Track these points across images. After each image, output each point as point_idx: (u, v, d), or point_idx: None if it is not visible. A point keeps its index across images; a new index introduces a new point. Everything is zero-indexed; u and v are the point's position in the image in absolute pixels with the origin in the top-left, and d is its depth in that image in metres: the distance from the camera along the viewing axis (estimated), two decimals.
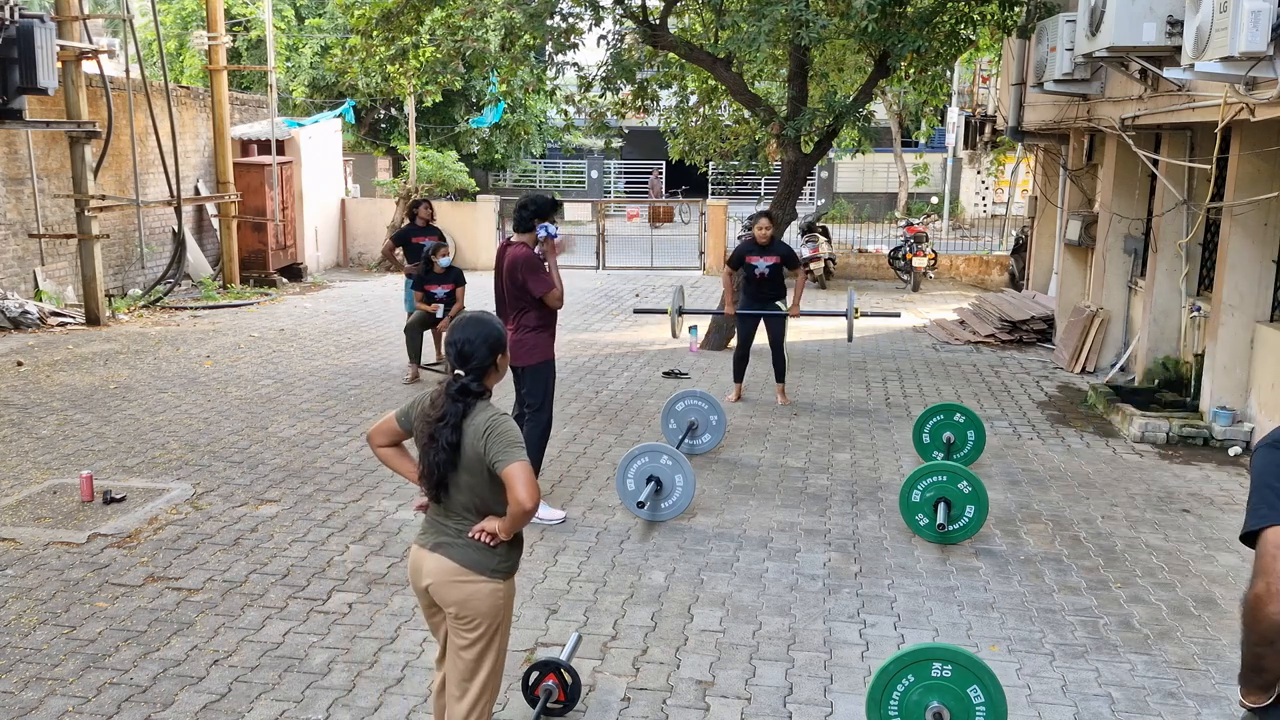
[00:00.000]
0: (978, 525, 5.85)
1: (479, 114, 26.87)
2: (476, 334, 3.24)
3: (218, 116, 15.39)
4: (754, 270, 8.82)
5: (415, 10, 11.17)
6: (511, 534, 3.23)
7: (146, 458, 7.33)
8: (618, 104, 12.37)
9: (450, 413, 3.16)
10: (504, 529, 3.20)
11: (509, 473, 3.09)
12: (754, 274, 8.83)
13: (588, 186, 37.27)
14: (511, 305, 6.20)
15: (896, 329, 13.04)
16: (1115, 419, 8.54)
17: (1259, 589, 2.12)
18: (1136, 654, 4.64)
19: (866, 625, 4.91)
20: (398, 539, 5.87)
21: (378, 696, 4.23)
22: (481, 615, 3.25)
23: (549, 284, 6.09)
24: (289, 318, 13.51)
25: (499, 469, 3.11)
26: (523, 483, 3.08)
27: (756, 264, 8.80)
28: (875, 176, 34.81)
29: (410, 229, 10.35)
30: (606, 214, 22.13)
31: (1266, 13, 5.68)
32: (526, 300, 6.14)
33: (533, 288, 6.07)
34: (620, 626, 4.86)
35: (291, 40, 24.97)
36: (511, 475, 3.09)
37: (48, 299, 12.93)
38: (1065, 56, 9.13)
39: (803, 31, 9.63)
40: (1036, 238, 14.34)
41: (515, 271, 6.09)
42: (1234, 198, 7.84)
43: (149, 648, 4.59)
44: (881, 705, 3.60)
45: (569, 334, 12.44)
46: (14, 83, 9.91)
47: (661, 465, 6.16)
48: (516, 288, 6.12)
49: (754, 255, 8.81)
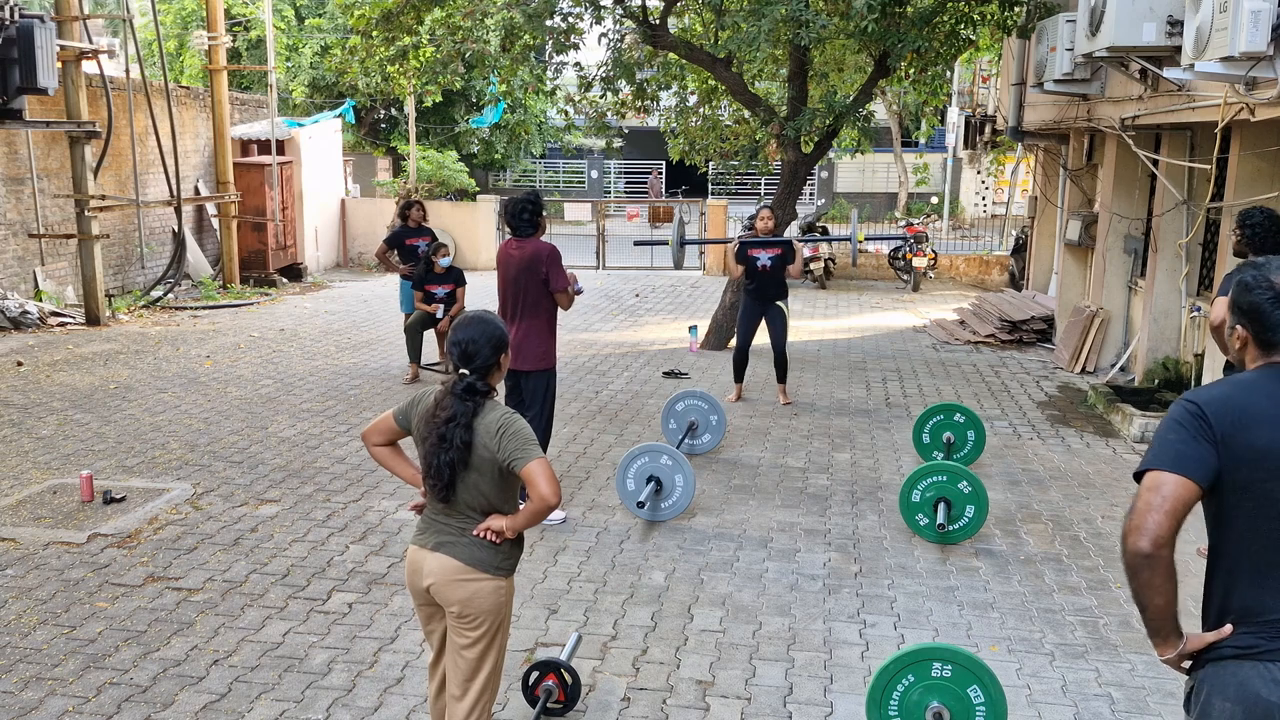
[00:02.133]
0: (978, 525, 5.85)
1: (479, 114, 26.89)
2: (480, 333, 3.24)
3: (218, 116, 15.40)
4: (756, 263, 8.80)
5: (415, 10, 11.17)
6: (525, 529, 3.24)
7: (146, 458, 7.33)
8: (618, 104, 12.37)
9: (460, 412, 3.15)
10: (518, 525, 3.21)
11: (529, 470, 3.12)
12: (756, 266, 8.81)
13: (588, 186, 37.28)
14: (519, 305, 6.14)
15: (896, 329, 13.04)
16: (1115, 419, 8.54)
17: (1126, 525, 2.33)
18: (1136, 654, 4.65)
19: (866, 625, 4.92)
20: (398, 539, 5.87)
21: (378, 696, 4.23)
22: (484, 614, 3.25)
23: (568, 280, 6.16)
24: (289, 318, 13.52)
25: (518, 468, 3.14)
26: (545, 479, 3.12)
27: (759, 256, 8.78)
28: (875, 176, 34.82)
29: (403, 231, 10.34)
30: (606, 214, 22.12)
31: (1266, 13, 5.68)
32: (539, 297, 6.11)
33: (555, 280, 6.09)
34: (620, 626, 4.86)
35: (291, 40, 24.98)
36: (533, 473, 3.12)
37: (48, 299, 12.93)
38: (1065, 56, 9.13)
39: (803, 31, 9.63)
40: (1036, 238, 14.34)
41: (539, 264, 6.07)
42: (1234, 198, 7.84)
43: (149, 648, 4.59)
44: (881, 705, 3.61)
45: (569, 334, 12.44)
46: (14, 83, 9.91)
47: (661, 465, 6.16)
48: (536, 282, 6.09)
49: (756, 248, 8.80)
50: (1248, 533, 2.32)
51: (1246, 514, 2.31)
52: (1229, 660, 2.34)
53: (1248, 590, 2.34)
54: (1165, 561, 2.30)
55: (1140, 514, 2.30)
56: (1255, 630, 2.32)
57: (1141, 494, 2.32)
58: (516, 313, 6.13)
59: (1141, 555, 2.29)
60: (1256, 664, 2.30)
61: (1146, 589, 2.33)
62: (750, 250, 8.82)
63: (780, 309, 8.91)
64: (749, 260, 8.82)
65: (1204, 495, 2.32)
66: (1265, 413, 2.29)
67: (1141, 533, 2.29)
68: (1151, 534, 2.27)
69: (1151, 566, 2.29)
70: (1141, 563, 2.30)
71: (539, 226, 6.22)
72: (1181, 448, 2.31)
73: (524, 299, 6.12)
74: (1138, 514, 2.30)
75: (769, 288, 8.86)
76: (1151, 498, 2.29)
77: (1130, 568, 2.33)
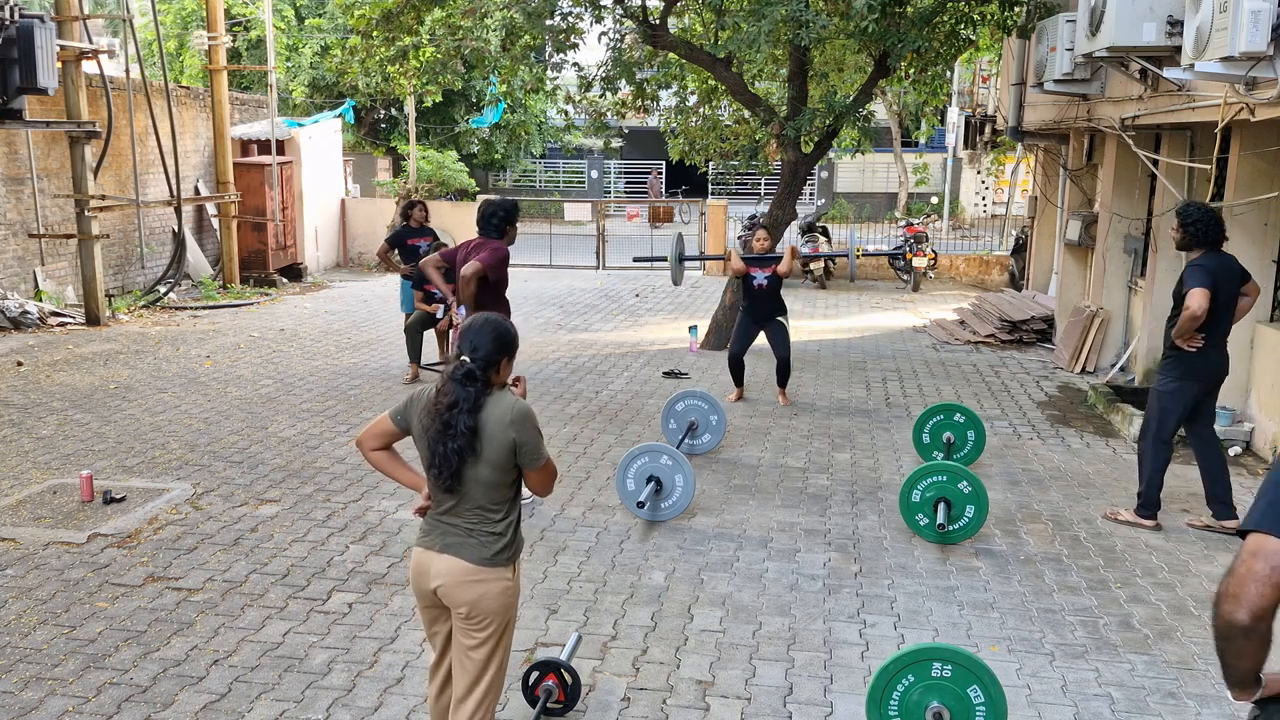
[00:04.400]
0: (978, 525, 5.85)
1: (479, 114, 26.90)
2: (489, 331, 3.25)
3: (218, 116, 15.39)
4: (753, 282, 8.80)
5: (415, 10, 11.17)
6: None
7: (146, 458, 7.33)
8: (618, 104, 12.38)
9: (462, 397, 3.14)
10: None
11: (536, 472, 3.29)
12: (752, 286, 8.81)
13: (588, 186, 37.27)
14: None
15: (896, 329, 13.04)
16: (1115, 419, 8.53)
17: (1222, 586, 2.19)
18: (1136, 654, 4.65)
19: (866, 625, 4.91)
20: (398, 539, 5.88)
21: (378, 696, 4.23)
22: (492, 614, 3.26)
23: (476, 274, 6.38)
24: (289, 318, 13.51)
25: (535, 466, 3.25)
26: (545, 486, 3.35)
27: (755, 276, 8.78)
28: (875, 176, 34.81)
29: (405, 230, 10.33)
30: (606, 214, 22.12)
31: (1266, 13, 5.68)
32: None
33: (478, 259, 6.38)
34: (620, 626, 4.86)
35: (291, 40, 24.98)
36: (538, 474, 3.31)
37: (48, 299, 12.93)
38: (1065, 56, 9.13)
39: (803, 32, 9.63)
40: (1036, 238, 14.34)
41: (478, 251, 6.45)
42: (1234, 198, 7.84)
43: (149, 648, 4.59)
44: (881, 705, 3.61)
45: (569, 334, 12.45)
46: (14, 83, 9.91)
47: (661, 465, 6.16)
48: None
49: (754, 266, 8.80)
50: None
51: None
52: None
53: None
54: (1262, 635, 2.14)
55: (1241, 581, 2.13)
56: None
57: (1244, 558, 2.14)
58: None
59: (1238, 628, 2.14)
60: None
61: (1237, 657, 2.20)
62: (749, 268, 8.80)
63: (780, 324, 8.89)
64: (746, 279, 8.82)
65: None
66: None
67: (1241, 603, 2.12)
68: (1252, 606, 2.11)
69: (1247, 637, 2.15)
70: (1237, 634, 2.15)
71: (504, 234, 6.57)
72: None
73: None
74: (1237, 580, 2.13)
75: (765, 304, 8.85)
76: (1255, 565, 2.12)
77: (1222, 635, 2.19)
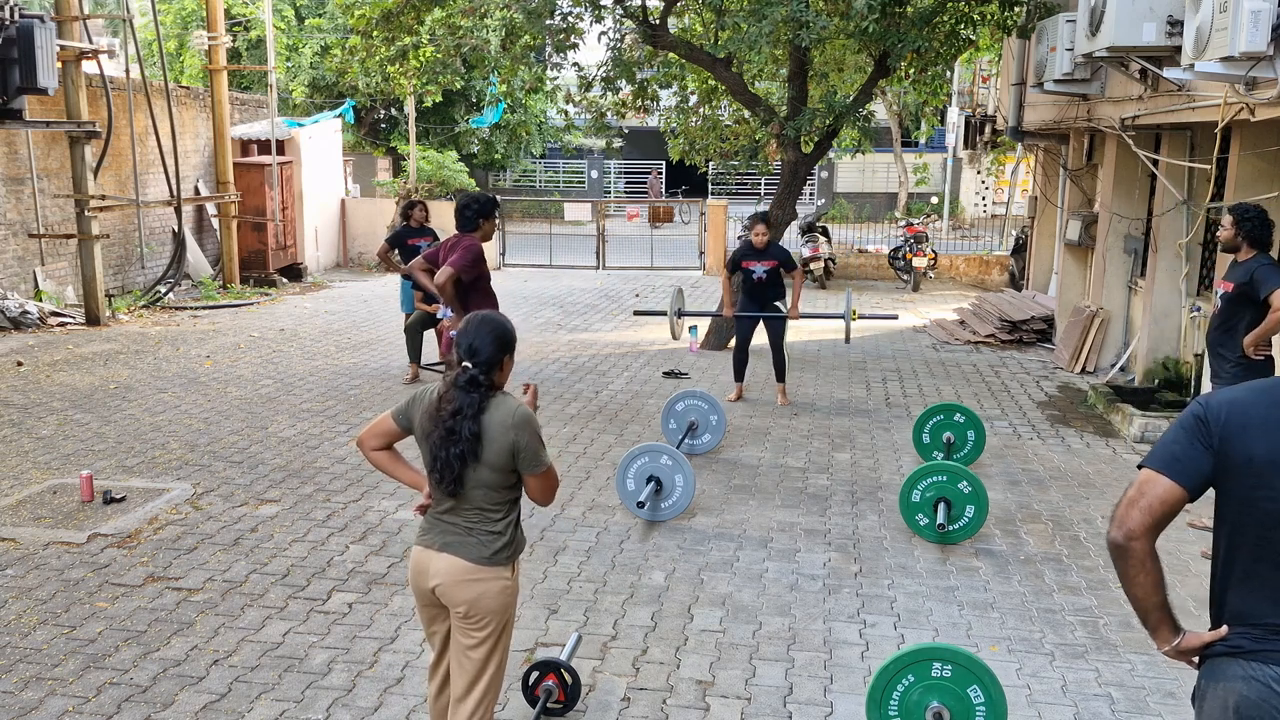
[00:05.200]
0: (978, 525, 5.85)
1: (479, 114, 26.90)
2: (486, 331, 3.24)
3: (218, 116, 15.39)
4: (751, 274, 8.84)
5: (415, 10, 11.17)
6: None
7: (146, 458, 7.33)
8: (618, 104, 12.37)
9: (466, 404, 3.15)
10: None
11: (537, 478, 3.26)
12: (752, 279, 8.85)
13: (588, 186, 37.25)
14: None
15: (896, 329, 13.04)
16: (1115, 419, 8.54)
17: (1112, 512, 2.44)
18: (1136, 654, 4.64)
19: (866, 625, 4.92)
20: (398, 539, 5.87)
21: (378, 696, 4.23)
22: (491, 614, 3.26)
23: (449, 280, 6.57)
24: (289, 318, 13.51)
25: (535, 471, 3.23)
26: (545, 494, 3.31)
27: (754, 269, 8.81)
28: (875, 176, 34.78)
29: (405, 231, 10.33)
30: (606, 214, 22.12)
31: (1266, 13, 5.68)
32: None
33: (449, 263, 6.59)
34: (620, 626, 4.86)
35: (291, 40, 24.98)
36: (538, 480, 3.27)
37: (48, 299, 12.93)
38: (1065, 56, 9.13)
39: (803, 32, 9.63)
40: (1036, 238, 14.34)
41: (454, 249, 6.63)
42: (1234, 198, 7.83)
43: (149, 648, 4.59)
44: (881, 705, 3.61)
45: (569, 334, 12.45)
46: (14, 83, 9.91)
47: (661, 465, 6.16)
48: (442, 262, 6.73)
49: (750, 260, 8.83)
50: (1236, 539, 2.38)
51: (1234, 520, 2.37)
52: (1221, 658, 2.42)
53: (1236, 594, 2.40)
54: (1136, 554, 2.38)
55: (1123, 506, 2.40)
56: (1243, 632, 2.39)
57: (1133, 489, 2.41)
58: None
59: (1113, 545, 2.40)
60: (1242, 661, 2.37)
61: (1122, 579, 2.44)
62: (744, 262, 8.85)
63: (780, 310, 8.93)
64: (744, 272, 8.86)
65: (1190, 499, 2.38)
66: (1262, 419, 2.31)
67: (1117, 524, 2.39)
68: (1125, 527, 2.37)
69: (1122, 557, 2.40)
70: (1114, 552, 2.42)
71: (479, 228, 6.75)
72: (1176, 450, 2.37)
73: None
74: (1121, 505, 2.40)
75: (766, 291, 8.88)
76: (1136, 494, 2.39)
77: (1112, 559, 2.45)
